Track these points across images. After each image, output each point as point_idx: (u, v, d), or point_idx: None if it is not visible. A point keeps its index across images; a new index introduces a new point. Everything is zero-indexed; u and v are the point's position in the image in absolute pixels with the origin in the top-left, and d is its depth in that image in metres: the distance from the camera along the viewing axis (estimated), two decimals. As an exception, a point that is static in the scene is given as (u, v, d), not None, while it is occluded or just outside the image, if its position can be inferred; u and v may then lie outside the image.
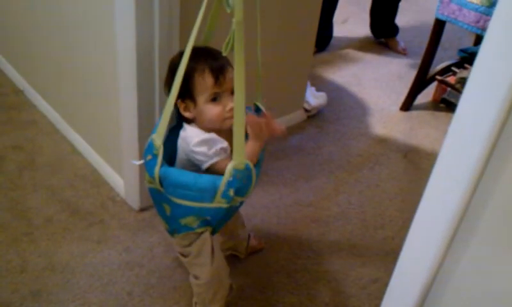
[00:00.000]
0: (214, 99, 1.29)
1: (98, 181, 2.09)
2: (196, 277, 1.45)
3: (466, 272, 0.96)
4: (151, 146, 1.26)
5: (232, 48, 1.16)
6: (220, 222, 1.38)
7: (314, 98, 2.67)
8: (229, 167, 1.18)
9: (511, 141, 0.81)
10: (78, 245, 1.80)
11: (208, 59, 1.28)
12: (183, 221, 1.32)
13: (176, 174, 1.25)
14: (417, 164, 2.45)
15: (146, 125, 1.77)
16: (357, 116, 2.77)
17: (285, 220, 2.01)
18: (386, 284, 1.12)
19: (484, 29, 2.34)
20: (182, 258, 1.44)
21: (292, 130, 2.56)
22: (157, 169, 1.25)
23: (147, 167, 1.28)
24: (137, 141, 1.78)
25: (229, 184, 1.19)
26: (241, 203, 1.41)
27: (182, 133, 1.34)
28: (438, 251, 0.96)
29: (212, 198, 1.23)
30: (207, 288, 1.46)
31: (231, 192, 1.21)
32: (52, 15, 2.07)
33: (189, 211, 1.28)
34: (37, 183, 2.04)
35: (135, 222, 1.92)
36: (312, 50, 2.53)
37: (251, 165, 1.20)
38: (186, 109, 1.32)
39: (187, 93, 1.29)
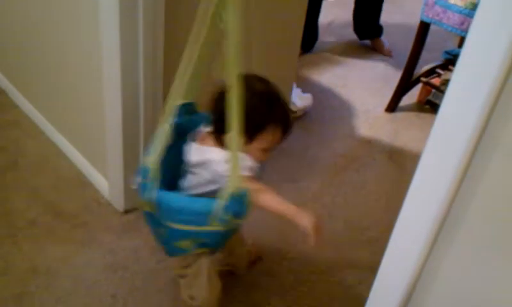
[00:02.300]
0: (266, 149, 1.31)
1: (83, 183, 2.07)
2: (191, 298, 1.47)
3: (449, 272, 0.96)
4: (146, 170, 1.25)
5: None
6: (219, 243, 1.39)
7: (300, 99, 2.67)
8: (225, 193, 1.17)
9: (493, 142, 0.81)
10: (62, 247, 1.79)
11: (285, 114, 1.32)
12: (180, 244, 1.32)
13: (172, 198, 1.26)
14: (402, 165, 2.46)
15: (130, 127, 1.76)
16: (342, 118, 2.78)
17: (271, 221, 2.00)
18: (370, 285, 1.12)
19: (468, 31, 2.36)
20: (180, 279, 1.48)
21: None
22: (152, 194, 1.25)
23: (141, 191, 1.27)
24: (121, 143, 1.77)
25: (226, 208, 1.18)
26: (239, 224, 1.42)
27: (206, 155, 1.31)
28: (421, 251, 0.97)
29: (207, 221, 1.22)
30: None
31: (227, 216, 1.20)
32: (36, 14, 2.05)
33: (186, 235, 1.28)
34: (20, 184, 2.02)
35: (119, 224, 1.90)
36: (297, 52, 2.53)
37: (248, 192, 1.18)
38: None
39: (248, 132, 1.22)
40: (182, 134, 1.36)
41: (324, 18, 3.56)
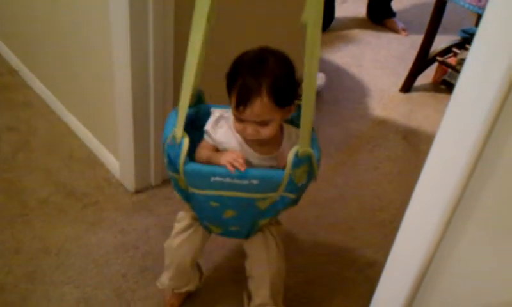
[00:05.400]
0: (238, 117, 1.22)
1: (94, 163, 2.07)
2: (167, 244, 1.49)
3: (464, 254, 0.94)
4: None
5: None
6: (182, 195, 1.33)
7: (313, 79, 2.64)
8: (174, 130, 1.21)
9: (509, 123, 0.79)
10: (73, 227, 1.79)
11: (246, 76, 1.19)
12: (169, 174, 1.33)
13: (168, 119, 1.31)
14: (416, 146, 2.43)
15: (140, 107, 1.75)
16: (356, 98, 2.75)
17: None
18: (383, 268, 1.11)
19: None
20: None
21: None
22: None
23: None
24: (132, 123, 1.76)
25: (167, 146, 1.23)
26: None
27: None
28: (435, 233, 0.95)
29: (164, 147, 1.26)
30: (165, 251, 1.50)
31: (165, 155, 1.25)
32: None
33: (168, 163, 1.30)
34: (32, 164, 2.02)
35: (130, 204, 1.90)
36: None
37: (185, 144, 1.19)
38: None
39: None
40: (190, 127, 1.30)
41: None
